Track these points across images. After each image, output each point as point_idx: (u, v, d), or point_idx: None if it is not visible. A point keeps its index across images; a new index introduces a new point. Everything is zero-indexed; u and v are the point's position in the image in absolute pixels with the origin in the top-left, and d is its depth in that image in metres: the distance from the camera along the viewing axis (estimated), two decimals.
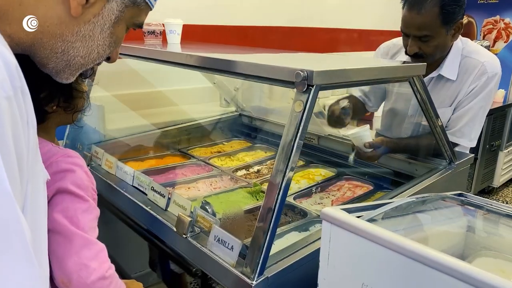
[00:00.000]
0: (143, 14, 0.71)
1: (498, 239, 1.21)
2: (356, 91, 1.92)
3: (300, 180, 1.74)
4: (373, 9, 3.71)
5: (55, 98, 0.90)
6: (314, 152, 1.93)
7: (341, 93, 2.19)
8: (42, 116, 0.90)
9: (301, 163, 1.90)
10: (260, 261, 0.89)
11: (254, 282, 0.88)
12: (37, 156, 0.53)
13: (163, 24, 1.73)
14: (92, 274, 0.82)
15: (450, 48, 1.57)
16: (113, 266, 0.90)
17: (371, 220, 0.82)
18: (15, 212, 0.42)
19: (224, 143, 2.16)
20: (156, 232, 1.20)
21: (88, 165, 1.54)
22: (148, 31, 1.75)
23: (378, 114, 2.11)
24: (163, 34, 1.74)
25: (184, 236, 1.06)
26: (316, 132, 1.92)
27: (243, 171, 1.83)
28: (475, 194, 3.57)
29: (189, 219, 1.06)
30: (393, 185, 1.55)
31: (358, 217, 0.81)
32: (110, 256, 1.06)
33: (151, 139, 1.96)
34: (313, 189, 1.60)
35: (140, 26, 0.71)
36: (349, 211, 0.82)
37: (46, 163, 0.82)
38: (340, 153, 1.84)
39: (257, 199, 1.54)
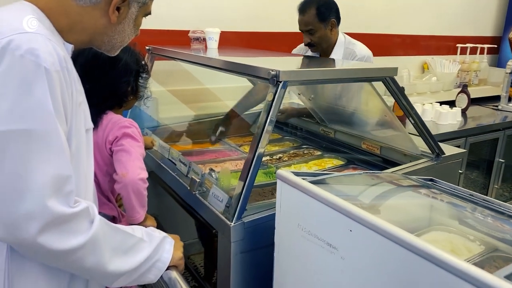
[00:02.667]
0: (150, 6, 1.08)
1: (458, 219, 1.39)
2: None
3: (312, 166, 2.02)
4: (422, 15, 3.81)
5: (133, 92, 1.49)
6: (331, 144, 2.20)
7: None
8: (121, 103, 1.47)
9: (318, 153, 2.17)
10: (238, 209, 1.22)
11: (232, 224, 1.21)
12: (80, 111, 0.93)
13: None
14: (140, 174, 1.31)
15: (336, 41, 2.26)
16: None
17: (315, 182, 1.10)
18: (54, 122, 0.80)
19: None
20: (179, 192, 1.58)
21: None
22: (194, 38, 2.15)
23: None
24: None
25: (194, 192, 1.42)
26: (333, 126, 2.19)
27: (267, 157, 2.15)
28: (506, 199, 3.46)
29: (198, 180, 1.41)
30: None
31: (303, 179, 1.10)
32: (160, 225, 1.45)
33: (195, 127, 2.36)
34: None
35: (150, 13, 1.09)
36: (297, 174, 1.11)
37: (118, 121, 1.39)
38: (353, 146, 2.09)
39: (270, 178, 1.85)
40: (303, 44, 2.43)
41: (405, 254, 0.81)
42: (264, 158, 2.12)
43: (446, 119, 2.93)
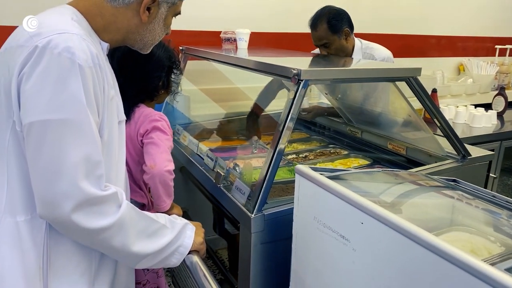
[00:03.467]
0: (180, 6, 1.15)
1: (479, 219, 1.38)
2: None
3: (338, 165, 2.05)
4: (459, 15, 3.73)
5: (164, 87, 1.56)
6: (358, 144, 2.21)
7: None
8: (152, 97, 1.55)
9: (344, 152, 2.19)
10: (258, 202, 1.27)
11: (252, 215, 1.27)
12: (112, 104, 1.01)
13: None
14: (167, 166, 1.39)
15: (354, 48, 2.23)
16: None
17: (332, 178, 1.14)
18: (86, 113, 0.89)
19: None
20: (206, 185, 1.65)
21: None
22: (225, 39, 2.23)
23: None
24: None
25: (218, 185, 1.49)
26: (360, 126, 2.20)
27: (293, 156, 2.20)
28: None
29: (222, 174, 1.48)
30: None
31: (321, 174, 1.14)
32: (189, 219, 1.52)
33: (225, 125, 2.44)
34: None
35: (179, 13, 1.17)
36: (315, 169, 1.15)
37: (149, 115, 1.46)
38: (379, 146, 2.10)
39: (294, 175, 1.89)
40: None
41: (413, 246, 0.84)
42: (290, 156, 2.17)
43: (480, 122, 2.87)
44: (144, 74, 1.46)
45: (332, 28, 2.12)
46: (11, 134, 0.92)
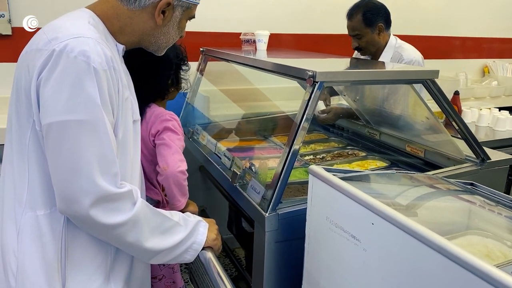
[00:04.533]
0: (194, 10, 1.18)
1: (496, 224, 1.36)
2: None
3: (355, 167, 2.04)
4: (485, 16, 3.65)
5: (174, 84, 1.57)
6: (376, 146, 2.20)
7: None
8: (163, 95, 1.57)
9: (362, 154, 2.19)
10: (272, 201, 1.29)
11: (266, 214, 1.29)
12: (127, 104, 1.05)
13: None
14: (180, 167, 1.41)
15: (386, 44, 2.28)
16: None
17: (345, 179, 1.15)
18: (101, 114, 0.92)
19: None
20: (223, 184, 1.68)
21: (190, 138, 2.11)
22: (245, 40, 2.26)
23: None
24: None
25: (234, 184, 1.51)
26: (378, 128, 2.19)
27: (311, 156, 2.21)
28: None
29: (239, 173, 1.51)
30: None
31: (334, 175, 1.15)
32: (207, 216, 1.56)
33: (244, 125, 2.47)
34: None
35: (193, 17, 1.19)
36: (328, 170, 1.17)
37: (159, 115, 1.48)
38: (398, 148, 2.09)
39: None
40: None
41: (422, 248, 0.84)
42: (307, 157, 2.18)
43: (504, 125, 2.81)
44: (152, 74, 1.47)
45: (366, 21, 2.17)
46: (32, 132, 0.97)
